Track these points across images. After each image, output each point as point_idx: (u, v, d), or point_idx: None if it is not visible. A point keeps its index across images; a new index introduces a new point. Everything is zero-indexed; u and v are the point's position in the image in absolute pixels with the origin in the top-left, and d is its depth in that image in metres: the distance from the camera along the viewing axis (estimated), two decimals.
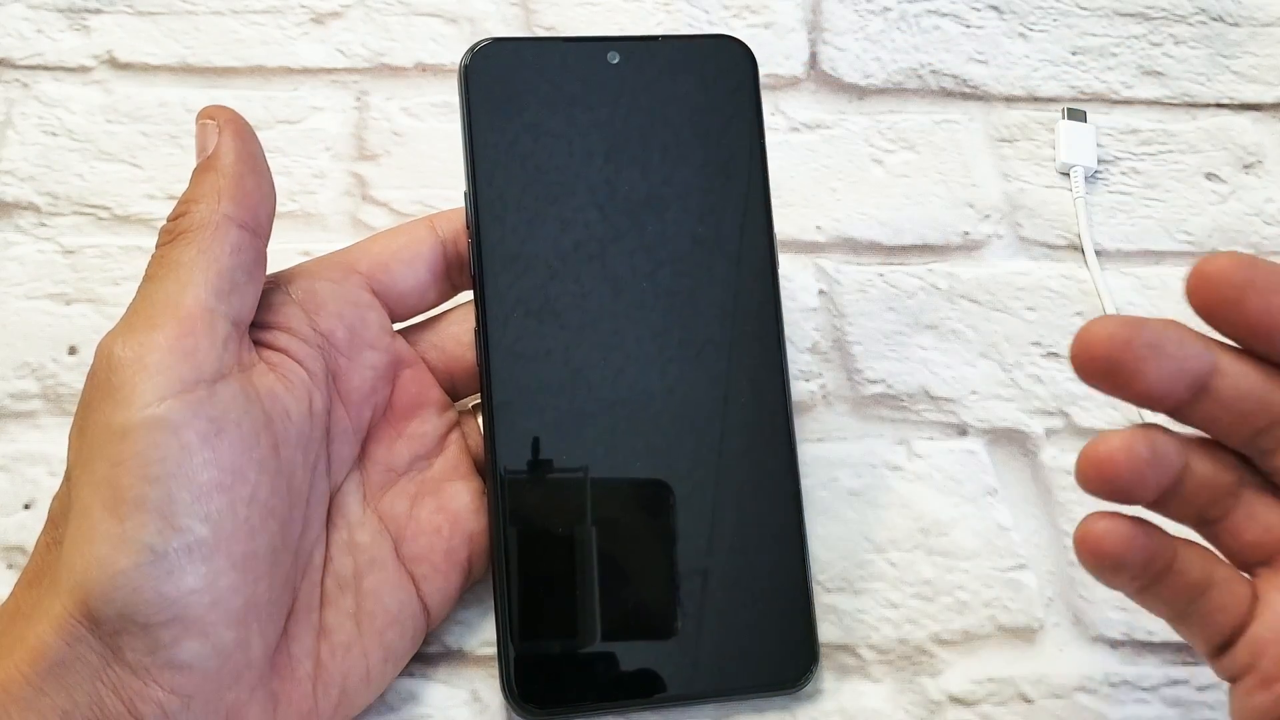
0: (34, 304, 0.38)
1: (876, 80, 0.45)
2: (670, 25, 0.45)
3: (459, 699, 0.33)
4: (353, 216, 0.41)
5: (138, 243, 0.40)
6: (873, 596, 0.35)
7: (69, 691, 0.25)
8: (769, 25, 0.46)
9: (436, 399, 0.34)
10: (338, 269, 0.32)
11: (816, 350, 0.40)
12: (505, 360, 0.33)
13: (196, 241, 0.28)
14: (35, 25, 0.43)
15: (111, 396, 0.26)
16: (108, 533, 0.25)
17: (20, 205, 0.40)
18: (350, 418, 0.31)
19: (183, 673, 0.26)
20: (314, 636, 0.29)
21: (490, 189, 0.33)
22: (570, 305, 0.33)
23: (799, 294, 0.41)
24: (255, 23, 0.44)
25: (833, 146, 0.44)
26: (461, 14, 0.45)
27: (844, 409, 0.39)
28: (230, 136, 0.29)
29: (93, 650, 0.25)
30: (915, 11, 0.47)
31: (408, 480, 0.33)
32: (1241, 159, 0.45)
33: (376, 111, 0.43)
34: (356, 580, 0.31)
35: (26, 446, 0.36)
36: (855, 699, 0.33)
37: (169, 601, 0.25)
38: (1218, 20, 0.48)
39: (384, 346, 0.32)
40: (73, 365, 0.37)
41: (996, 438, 0.39)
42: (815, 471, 0.37)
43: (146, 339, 0.26)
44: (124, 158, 0.41)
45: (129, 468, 0.25)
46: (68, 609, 0.25)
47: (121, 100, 0.42)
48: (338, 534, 0.31)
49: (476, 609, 0.34)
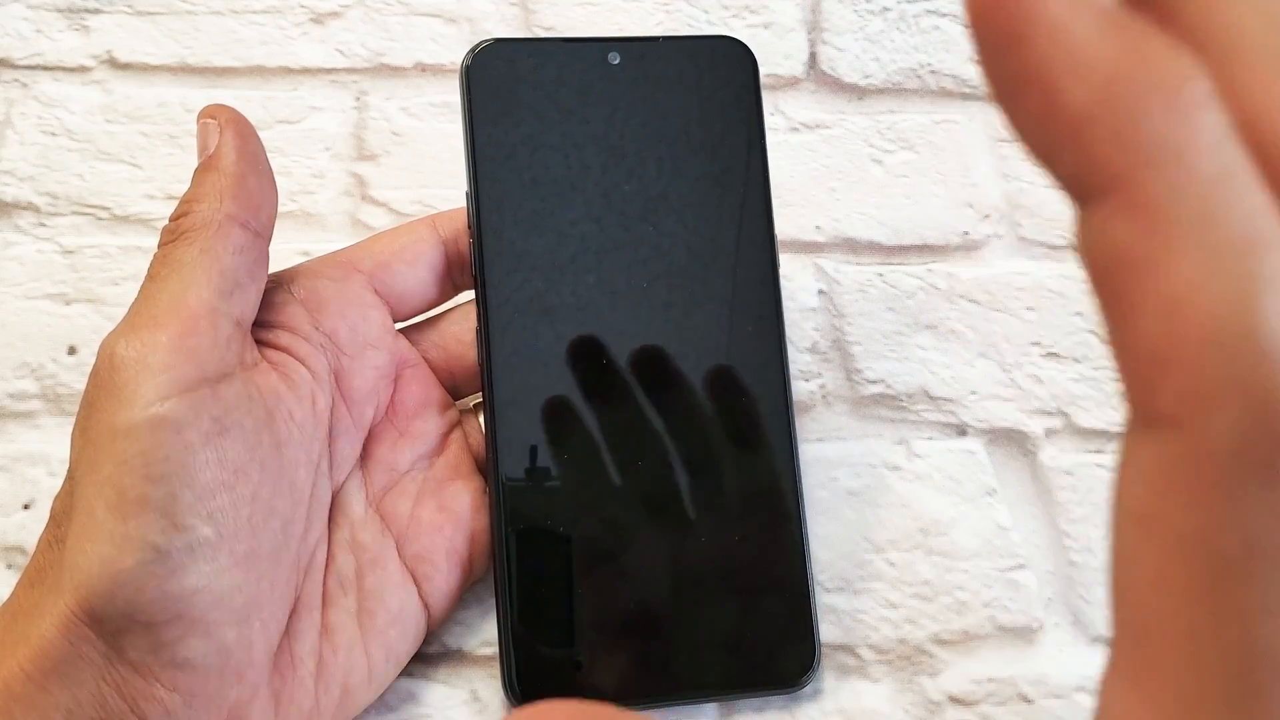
0: (33, 304, 0.38)
1: (876, 80, 0.45)
2: (670, 25, 0.45)
3: (459, 699, 0.33)
4: (352, 216, 0.41)
5: (137, 243, 0.40)
6: (872, 596, 0.35)
7: (72, 690, 0.25)
8: (769, 25, 0.46)
9: (438, 398, 0.34)
10: (340, 268, 0.32)
11: (816, 350, 0.40)
12: (507, 360, 0.33)
13: (199, 241, 0.28)
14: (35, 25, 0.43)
15: (114, 396, 0.26)
16: (111, 532, 0.25)
17: (20, 205, 0.40)
18: (352, 417, 0.31)
19: (185, 671, 0.26)
20: (316, 635, 0.29)
21: (491, 189, 0.33)
22: (571, 304, 0.33)
23: (799, 294, 0.41)
24: (255, 23, 0.44)
25: (832, 146, 0.44)
26: (461, 14, 0.45)
27: (843, 409, 0.39)
28: (232, 136, 0.29)
29: (95, 649, 0.25)
30: (915, 11, 0.47)
31: (409, 479, 0.33)
32: None
33: (376, 111, 0.43)
34: (358, 579, 0.31)
35: (26, 446, 0.36)
36: (855, 699, 0.33)
37: (172, 600, 0.25)
38: None
39: (386, 346, 0.32)
40: (72, 365, 0.37)
41: (996, 438, 0.39)
42: (815, 471, 0.37)
43: (149, 338, 0.26)
44: (123, 158, 0.41)
45: (132, 467, 0.25)
46: (70, 608, 0.25)
47: (121, 100, 0.42)
48: (340, 533, 0.31)
49: (476, 609, 0.34)
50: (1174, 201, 0.12)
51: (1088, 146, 0.12)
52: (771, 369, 0.34)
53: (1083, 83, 0.12)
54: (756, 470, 0.33)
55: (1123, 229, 0.12)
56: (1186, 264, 0.11)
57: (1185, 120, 0.12)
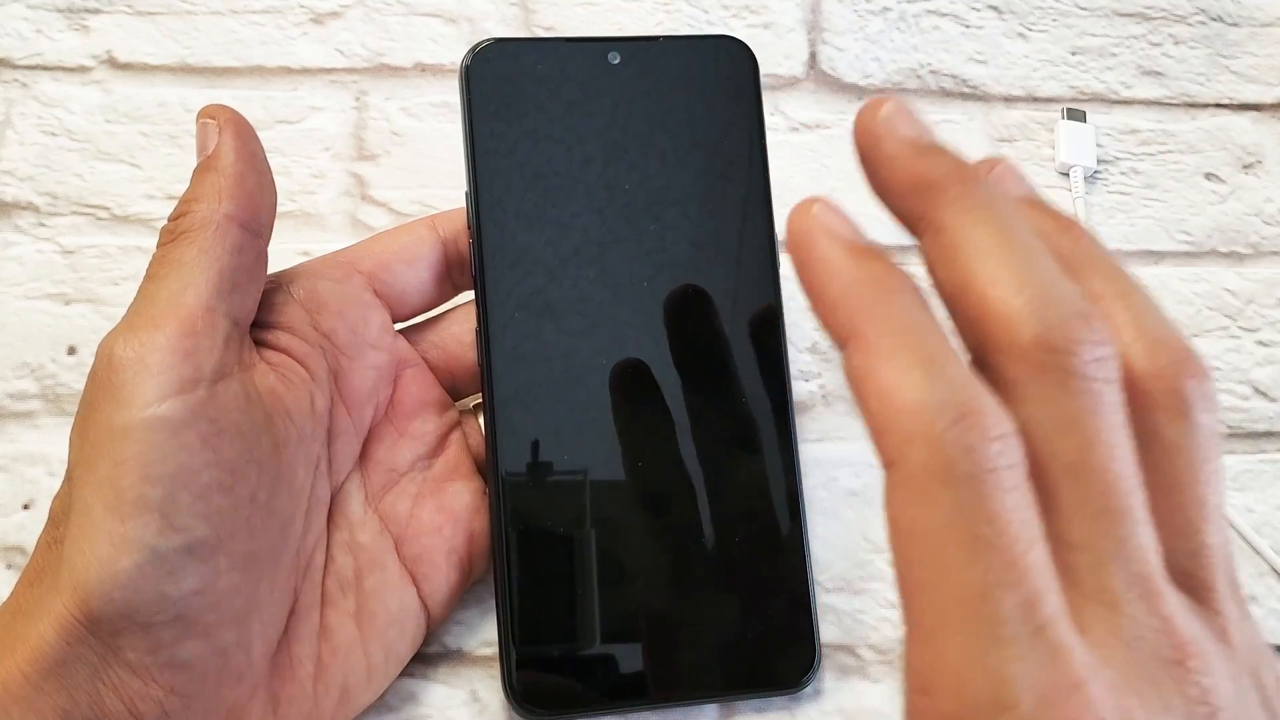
0: (33, 304, 0.38)
1: (876, 80, 0.45)
2: (670, 25, 0.45)
3: (459, 699, 0.33)
4: (352, 216, 0.41)
5: (137, 243, 0.39)
6: (872, 596, 0.35)
7: (69, 691, 0.25)
8: (768, 25, 0.46)
9: (437, 399, 0.34)
10: (339, 269, 0.32)
11: (816, 350, 0.40)
12: (506, 360, 0.33)
13: (198, 241, 0.28)
14: (34, 25, 0.43)
15: (113, 396, 0.26)
16: (109, 532, 0.25)
17: (19, 205, 0.40)
18: (351, 418, 0.31)
19: (183, 673, 0.26)
20: (315, 637, 0.29)
21: (491, 189, 0.33)
22: (571, 305, 0.33)
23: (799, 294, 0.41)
24: (255, 23, 0.44)
25: (832, 146, 0.44)
26: (461, 14, 0.45)
27: (844, 409, 0.39)
28: (231, 136, 0.29)
29: (93, 650, 0.25)
30: (915, 11, 0.47)
31: (409, 480, 0.33)
32: (1241, 159, 0.45)
33: (376, 111, 0.43)
34: (358, 580, 0.31)
35: (26, 446, 0.36)
36: (855, 699, 0.33)
37: (170, 601, 0.25)
38: (1217, 20, 0.48)
39: (385, 346, 0.32)
40: (72, 365, 0.37)
41: None
42: (815, 471, 0.37)
43: (148, 339, 0.26)
44: (123, 158, 0.41)
45: (130, 467, 0.25)
46: (68, 608, 0.25)
47: (121, 100, 0.42)
48: (339, 534, 0.31)
49: (476, 609, 0.34)
50: (880, 340, 0.19)
51: (838, 316, 0.20)
52: (771, 369, 0.34)
53: (833, 283, 0.20)
54: (756, 470, 0.33)
55: (856, 358, 0.19)
56: (888, 371, 0.19)
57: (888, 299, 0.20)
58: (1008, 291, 0.19)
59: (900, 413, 0.18)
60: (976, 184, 0.21)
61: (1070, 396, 0.19)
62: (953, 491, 0.18)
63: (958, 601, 0.17)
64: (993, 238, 0.20)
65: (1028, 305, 0.19)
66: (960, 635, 0.17)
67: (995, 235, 0.20)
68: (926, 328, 0.19)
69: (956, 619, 0.17)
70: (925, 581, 0.18)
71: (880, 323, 0.19)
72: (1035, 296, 0.19)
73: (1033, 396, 0.19)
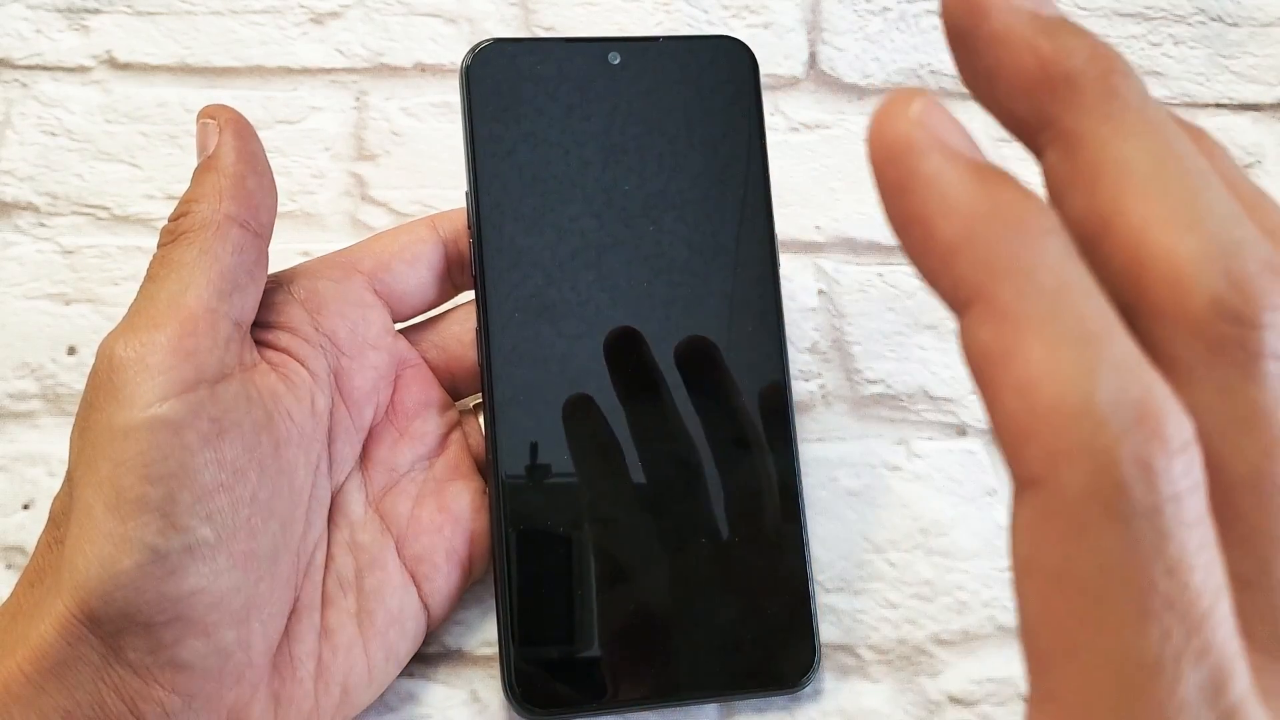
0: (33, 304, 0.38)
1: (876, 80, 0.45)
2: (670, 25, 0.45)
3: (459, 699, 0.33)
4: (352, 216, 0.41)
5: (137, 243, 0.40)
6: (872, 597, 0.35)
7: (70, 691, 0.25)
8: (768, 25, 0.46)
9: (438, 399, 0.34)
10: (340, 269, 0.32)
11: (816, 350, 0.40)
12: (506, 360, 0.33)
13: (198, 241, 0.28)
14: (34, 25, 0.43)
15: (113, 396, 0.26)
16: (109, 532, 0.25)
17: (19, 205, 0.40)
18: (352, 417, 0.31)
19: (184, 672, 0.26)
20: (315, 636, 0.29)
21: (491, 189, 0.33)
22: (571, 305, 0.33)
23: (798, 294, 0.41)
24: (254, 23, 0.44)
25: (832, 146, 0.44)
26: (461, 14, 0.45)
27: (843, 409, 0.39)
28: (231, 136, 0.29)
29: (94, 650, 0.25)
30: (915, 11, 0.47)
31: (409, 480, 0.33)
32: (1241, 159, 0.45)
33: (376, 111, 0.43)
34: (358, 580, 0.31)
35: (26, 446, 0.36)
36: (855, 699, 0.33)
37: (170, 601, 0.25)
38: (1217, 20, 0.48)
39: (386, 346, 0.32)
40: (72, 365, 0.37)
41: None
42: (815, 471, 0.37)
43: (148, 339, 0.26)
44: (123, 158, 0.41)
45: (131, 468, 0.25)
46: (69, 608, 0.25)
47: (120, 100, 0.42)
48: (339, 534, 0.31)
49: (476, 609, 0.34)
50: (1022, 307, 0.14)
51: (955, 269, 0.15)
52: (771, 369, 0.34)
53: (950, 221, 0.14)
54: (756, 470, 0.33)
55: (985, 331, 0.14)
56: (1034, 354, 0.14)
57: (1031, 246, 0.14)
58: (1174, 233, 0.14)
59: (1054, 414, 0.14)
60: (1129, 79, 0.15)
61: (1257, 385, 0.14)
62: (1124, 527, 0.13)
63: (1122, 677, 0.14)
64: (1152, 157, 0.15)
65: (1203, 254, 0.14)
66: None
67: (1155, 154, 0.15)
68: (1084, 288, 0.14)
69: (1122, 701, 0.14)
70: (1076, 646, 0.14)
71: (1021, 280, 0.14)
72: (1212, 241, 0.14)
73: (1206, 381, 0.14)
